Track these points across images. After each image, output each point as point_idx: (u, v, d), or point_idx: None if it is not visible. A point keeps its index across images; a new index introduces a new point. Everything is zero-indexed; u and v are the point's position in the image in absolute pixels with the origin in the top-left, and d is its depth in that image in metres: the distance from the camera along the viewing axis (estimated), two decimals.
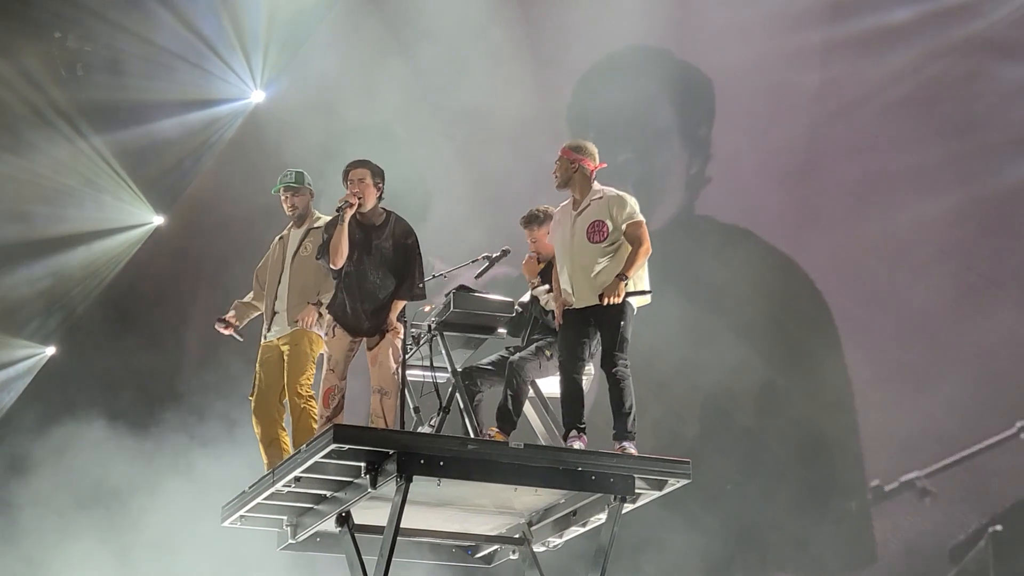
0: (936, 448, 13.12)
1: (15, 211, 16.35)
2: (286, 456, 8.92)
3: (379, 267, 8.95)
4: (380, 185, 9.08)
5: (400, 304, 8.96)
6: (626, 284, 8.70)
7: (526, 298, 9.48)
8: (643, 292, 8.88)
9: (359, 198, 8.93)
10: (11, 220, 16.39)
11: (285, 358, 9.46)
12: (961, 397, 12.94)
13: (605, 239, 8.81)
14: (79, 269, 17.03)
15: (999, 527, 12.74)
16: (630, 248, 8.81)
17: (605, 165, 9.12)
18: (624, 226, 8.83)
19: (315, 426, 9.12)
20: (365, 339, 8.95)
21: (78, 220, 16.71)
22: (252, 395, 9.56)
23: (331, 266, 8.96)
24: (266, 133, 16.56)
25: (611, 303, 8.66)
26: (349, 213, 8.90)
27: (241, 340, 9.89)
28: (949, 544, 12.96)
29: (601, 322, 8.79)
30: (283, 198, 9.75)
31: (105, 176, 16.52)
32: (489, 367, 9.18)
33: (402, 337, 8.94)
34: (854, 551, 13.62)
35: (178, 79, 16.34)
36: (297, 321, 9.39)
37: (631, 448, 8.63)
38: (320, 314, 9.36)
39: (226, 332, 9.84)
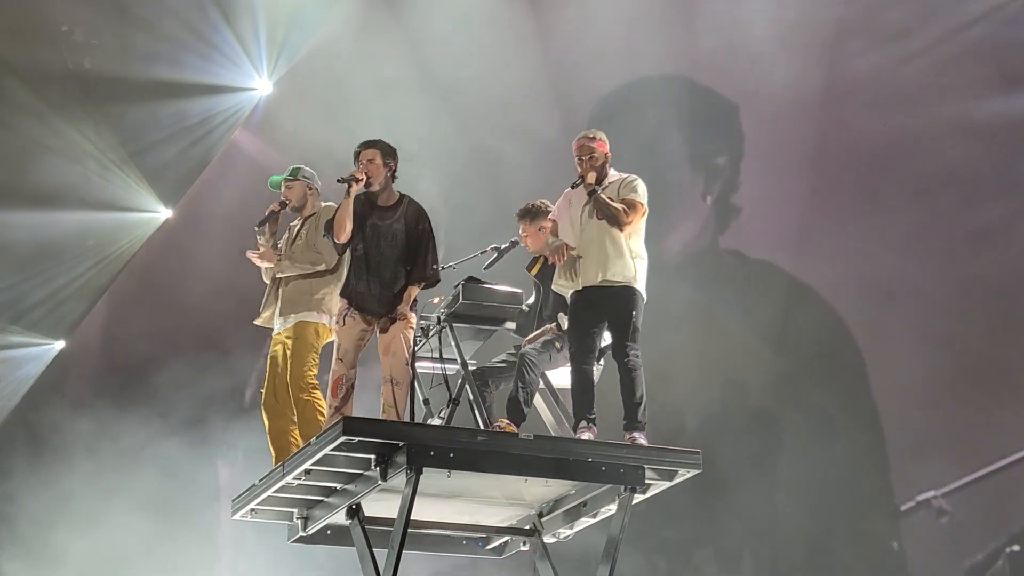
0: (953, 467, 13.09)
1: (23, 206, 16.35)
2: (294, 450, 8.91)
3: (389, 249, 8.92)
4: (391, 165, 9.06)
5: (414, 290, 8.92)
6: (592, 192, 8.78)
7: (531, 299, 9.49)
8: (578, 182, 8.90)
9: (367, 175, 8.93)
10: (19, 214, 16.39)
11: (287, 349, 9.45)
12: (978, 415, 12.91)
13: None
14: (88, 263, 17.03)
15: (1016, 547, 12.71)
16: (639, 230, 8.89)
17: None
18: (622, 198, 8.85)
19: (320, 418, 9.11)
20: (377, 327, 8.90)
21: (86, 213, 16.71)
22: (263, 388, 9.56)
23: (336, 240, 8.94)
24: (273, 124, 16.55)
25: (583, 180, 8.78)
26: (355, 188, 8.87)
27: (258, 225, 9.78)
28: (966, 564, 12.94)
29: (611, 312, 8.81)
30: (281, 193, 9.82)
31: (114, 170, 16.51)
32: (500, 365, 9.19)
33: (414, 327, 8.92)
34: (870, 570, 13.61)
35: (186, 72, 16.31)
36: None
37: (641, 438, 8.63)
38: (276, 215, 9.57)
39: (274, 207, 9.76)
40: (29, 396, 17.11)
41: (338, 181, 8.98)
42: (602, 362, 9.02)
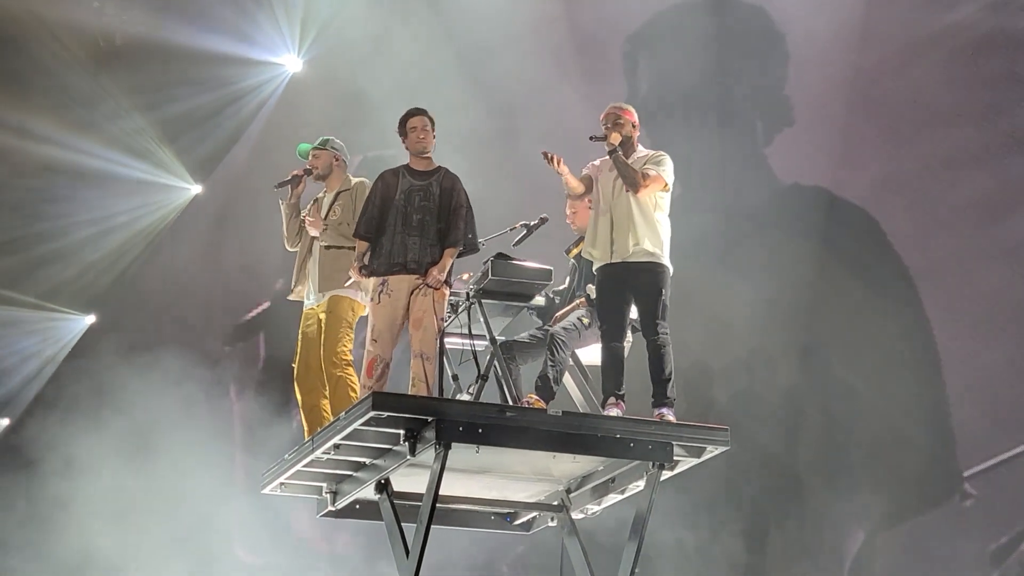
0: (978, 450, 13.04)
1: (53, 181, 16.40)
2: (326, 423, 8.94)
3: (423, 203, 8.96)
4: (434, 134, 9.18)
5: (449, 256, 8.93)
6: (612, 146, 8.86)
7: (562, 286, 9.50)
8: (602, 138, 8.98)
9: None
10: (49, 190, 16.44)
11: (322, 325, 9.48)
12: (1002, 399, 12.85)
13: (643, 188, 8.88)
14: (117, 238, 17.08)
15: None
16: (663, 204, 8.94)
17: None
18: (646, 168, 8.90)
19: (352, 395, 9.13)
20: (409, 302, 8.88)
21: (116, 189, 16.75)
22: (295, 362, 9.61)
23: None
24: (303, 101, 16.55)
25: (605, 138, 8.87)
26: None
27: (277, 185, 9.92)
28: (990, 547, 12.89)
29: (639, 290, 8.83)
30: (308, 160, 9.92)
31: (144, 146, 16.55)
32: (528, 340, 9.20)
33: (446, 299, 8.94)
34: (896, 551, 13.57)
35: (215, 48, 16.32)
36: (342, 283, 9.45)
37: (670, 415, 8.63)
38: (299, 179, 9.78)
39: (298, 172, 9.89)
40: (59, 370, 17.18)
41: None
42: (631, 337, 9.03)
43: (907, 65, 13.95)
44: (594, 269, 9.04)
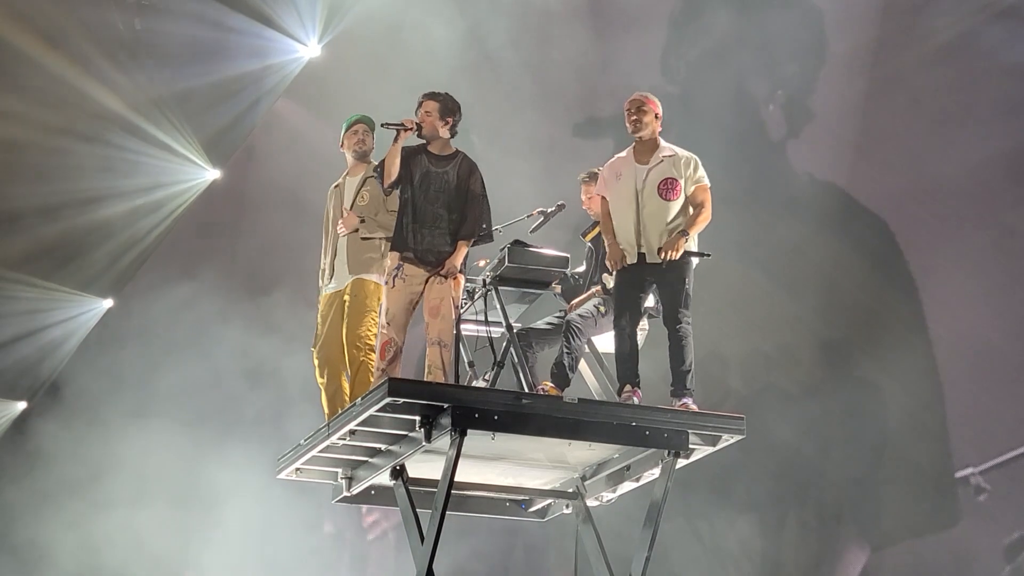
0: (992, 444, 13.02)
1: (72, 165, 16.44)
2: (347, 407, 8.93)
3: (438, 194, 8.91)
4: (449, 121, 9.07)
5: (464, 247, 8.90)
6: (687, 241, 8.73)
7: (580, 268, 9.50)
8: (702, 254, 8.90)
9: (417, 124, 8.96)
10: (68, 174, 16.48)
11: (346, 308, 9.47)
12: (1017, 393, 12.83)
13: (678, 197, 8.86)
14: (136, 222, 17.13)
15: None
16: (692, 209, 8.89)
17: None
18: (693, 187, 8.86)
19: (372, 379, 9.13)
20: (425, 289, 8.89)
21: (134, 174, 16.79)
22: (315, 346, 9.59)
23: (383, 184, 8.98)
24: (321, 87, 16.56)
25: (669, 258, 8.67)
26: (403, 136, 8.89)
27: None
28: (1004, 541, 12.89)
29: (663, 279, 8.82)
30: (355, 131, 9.76)
31: (162, 130, 16.58)
32: (545, 327, 9.20)
33: (462, 288, 8.94)
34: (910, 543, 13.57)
35: (236, 34, 16.33)
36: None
37: (692, 406, 8.63)
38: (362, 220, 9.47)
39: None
40: (78, 354, 17.26)
41: (382, 126, 9.03)
42: (646, 326, 9.03)
43: (927, 55, 13.91)
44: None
